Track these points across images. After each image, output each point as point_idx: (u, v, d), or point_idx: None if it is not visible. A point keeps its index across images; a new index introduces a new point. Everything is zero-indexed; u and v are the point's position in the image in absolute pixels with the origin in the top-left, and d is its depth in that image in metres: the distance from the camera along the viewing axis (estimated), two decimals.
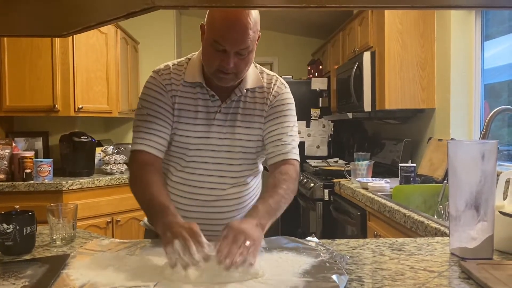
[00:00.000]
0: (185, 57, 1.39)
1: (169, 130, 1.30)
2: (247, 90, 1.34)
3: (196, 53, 1.37)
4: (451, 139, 2.45)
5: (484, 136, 1.64)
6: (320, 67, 4.53)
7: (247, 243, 0.96)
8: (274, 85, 1.38)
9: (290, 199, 1.25)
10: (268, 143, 1.34)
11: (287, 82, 1.44)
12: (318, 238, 1.22)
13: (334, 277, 0.88)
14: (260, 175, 1.48)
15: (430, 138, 2.83)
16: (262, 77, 1.37)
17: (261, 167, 1.46)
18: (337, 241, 1.26)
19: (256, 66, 1.39)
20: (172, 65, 1.35)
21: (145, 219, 1.49)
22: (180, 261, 0.92)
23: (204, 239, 0.97)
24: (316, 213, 3.05)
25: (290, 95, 1.40)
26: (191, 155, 1.32)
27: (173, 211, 1.10)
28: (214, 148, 1.32)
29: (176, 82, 1.32)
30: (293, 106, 1.39)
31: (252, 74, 1.35)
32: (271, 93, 1.36)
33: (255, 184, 1.45)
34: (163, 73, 1.33)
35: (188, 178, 1.33)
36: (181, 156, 1.33)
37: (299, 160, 1.34)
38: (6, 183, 2.91)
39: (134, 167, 1.28)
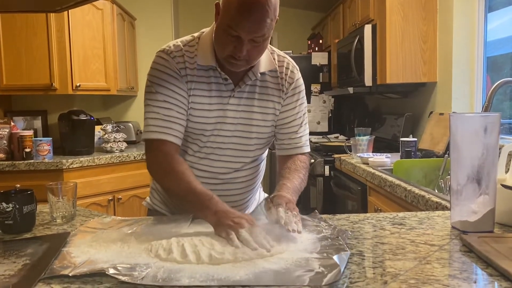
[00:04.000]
0: (192, 35, 1.30)
1: (185, 116, 1.26)
2: (261, 73, 1.29)
3: (206, 30, 1.29)
4: (453, 112, 2.43)
5: (487, 109, 1.63)
6: (321, 41, 4.46)
7: (295, 212, 1.06)
8: (286, 69, 1.33)
9: (304, 186, 1.30)
10: (283, 133, 1.35)
11: None
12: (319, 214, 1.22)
13: (335, 257, 0.87)
14: (265, 155, 1.47)
15: (431, 112, 2.81)
16: (274, 58, 1.32)
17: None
18: (338, 216, 1.26)
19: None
20: (183, 46, 1.26)
21: (147, 199, 1.48)
22: (250, 245, 0.93)
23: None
24: (316, 189, 3.06)
25: (302, 80, 1.38)
26: (205, 140, 1.29)
27: (219, 200, 1.11)
28: (227, 134, 1.29)
29: (190, 66, 1.25)
30: (304, 92, 1.38)
31: (265, 57, 1.29)
32: (286, 80, 1.32)
33: (263, 165, 1.46)
34: (176, 55, 1.24)
35: (199, 162, 1.32)
36: (195, 141, 1.29)
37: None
38: (6, 162, 2.91)
39: (159, 157, 1.22)
